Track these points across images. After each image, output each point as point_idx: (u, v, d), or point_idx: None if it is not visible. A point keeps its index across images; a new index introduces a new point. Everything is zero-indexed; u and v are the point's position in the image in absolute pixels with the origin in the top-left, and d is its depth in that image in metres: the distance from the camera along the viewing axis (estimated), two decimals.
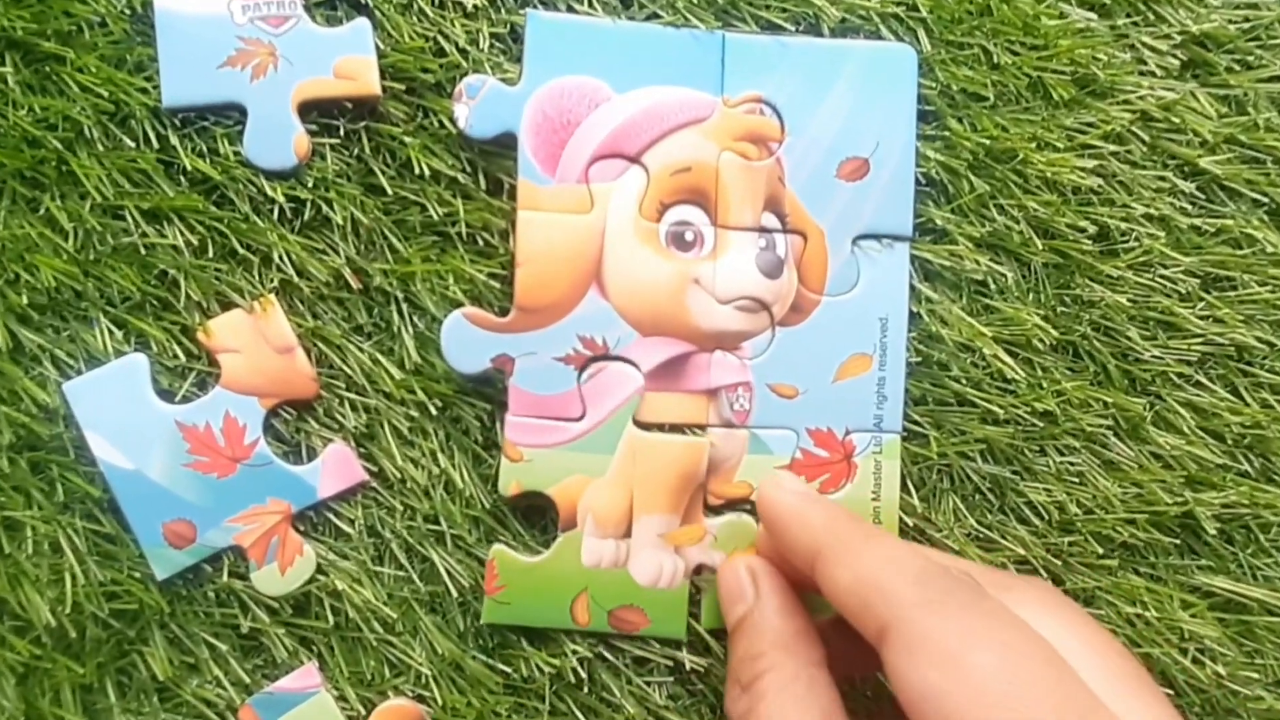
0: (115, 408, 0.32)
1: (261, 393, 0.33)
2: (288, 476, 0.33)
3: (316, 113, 0.33)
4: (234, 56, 0.32)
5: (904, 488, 0.35)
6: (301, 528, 0.33)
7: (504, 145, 0.33)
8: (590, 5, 0.33)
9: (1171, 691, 0.34)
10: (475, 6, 0.33)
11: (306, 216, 0.34)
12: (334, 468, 0.33)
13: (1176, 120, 0.35)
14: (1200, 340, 0.35)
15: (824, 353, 0.34)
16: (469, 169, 0.33)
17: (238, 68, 0.32)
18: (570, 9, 0.33)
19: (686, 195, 0.34)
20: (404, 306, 0.34)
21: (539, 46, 0.33)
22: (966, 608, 0.24)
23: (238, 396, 0.33)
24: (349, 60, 0.33)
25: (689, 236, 0.34)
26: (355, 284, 0.34)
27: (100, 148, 0.32)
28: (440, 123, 0.33)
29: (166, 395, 0.33)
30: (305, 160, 0.33)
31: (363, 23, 0.33)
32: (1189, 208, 0.36)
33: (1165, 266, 0.35)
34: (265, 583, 0.32)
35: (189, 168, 0.32)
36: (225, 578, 0.32)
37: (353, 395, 0.33)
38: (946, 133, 0.34)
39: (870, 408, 0.34)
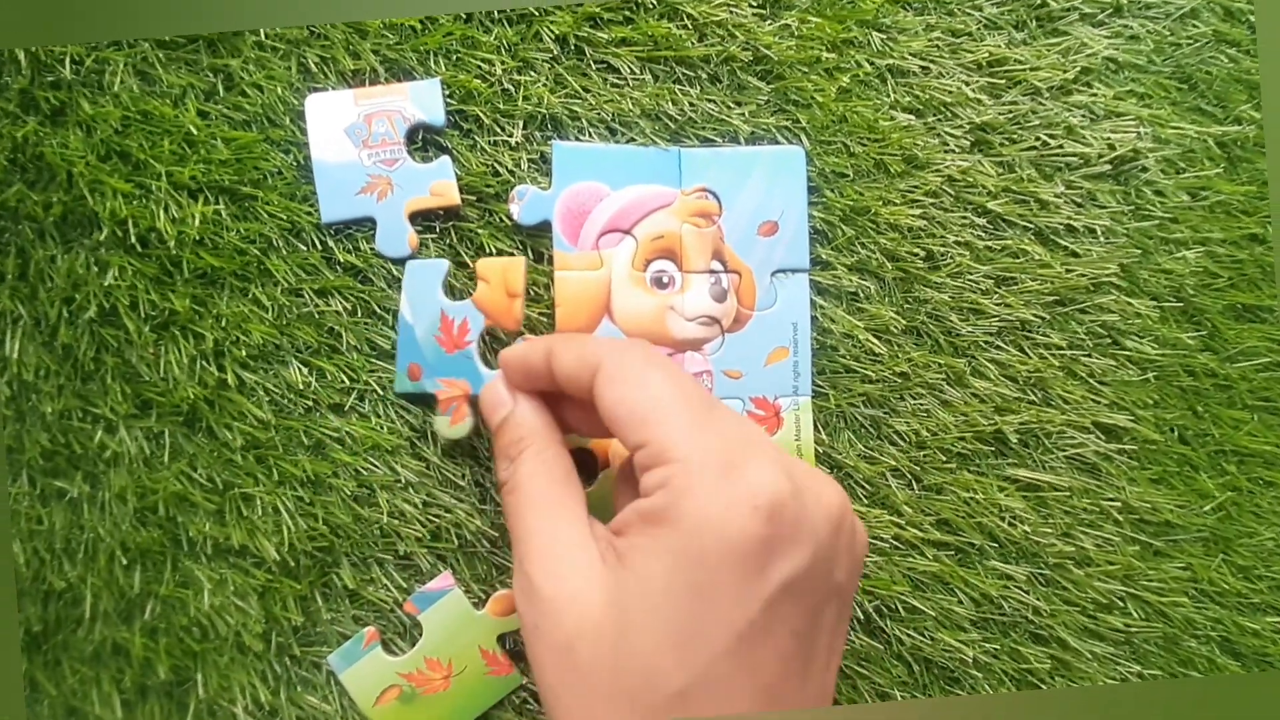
0: (422, 286, 0.43)
1: (488, 314, 0.43)
2: (477, 371, 0.43)
3: (421, 218, 0.44)
4: (365, 186, 0.44)
5: (815, 428, 0.45)
6: (470, 407, 0.43)
7: (543, 230, 0.44)
8: (591, 136, 0.45)
9: (996, 544, 0.45)
10: (516, 143, 0.45)
11: None
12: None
13: (970, 180, 0.46)
14: (997, 319, 0.45)
15: (757, 348, 0.44)
16: (521, 246, 0.45)
17: (369, 194, 0.44)
18: (578, 139, 0.45)
19: (662, 253, 0.44)
20: None
21: (562, 164, 0.44)
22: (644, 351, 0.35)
23: (476, 311, 0.43)
24: (439, 183, 0.44)
25: (665, 279, 0.44)
26: None
27: (284, 252, 0.44)
28: (500, 219, 0.45)
29: (451, 291, 0.44)
30: (416, 250, 0.44)
31: (445, 159, 0.44)
32: (983, 235, 0.46)
33: (971, 274, 0.45)
34: (440, 425, 0.43)
35: (342, 260, 0.44)
36: (385, 517, 0.43)
37: None
38: (824, 199, 0.45)
39: (790, 381, 0.44)
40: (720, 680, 0.30)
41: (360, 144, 0.44)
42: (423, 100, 0.45)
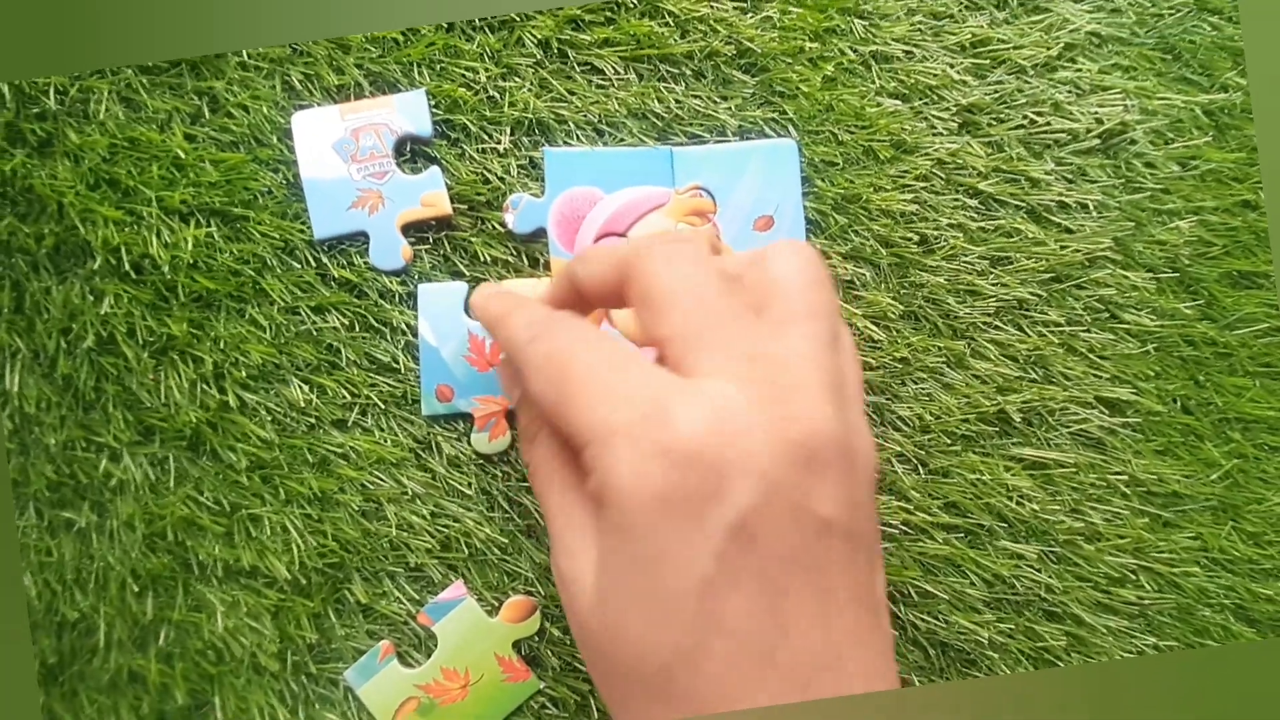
0: (443, 310, 0.44)
1: None
2: None
3: (414, 230, 0.44)
4: (356, 201, 0.44)
5: None
6: (508, 422, 0.44)
7: (538, 237, 0.45)
8: (578, 139, 0.45)
9: (1005, 523, 0.45)
10: (505, 150, 0.45)
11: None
12: None
13: (960, 161, 0.46)
14: (994, 299, 0.45)
15: None
16: (515, 253, 0.45)
17: (360, 208, 0.44)
18: (567, 143, 0.45)
19: None
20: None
21: (554, 170, 0.44)
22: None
23: None
24: (429, 194, 0.44)
25: None
26: None
27: (279, 271, 0.44)
28: (493, 226, 0.45)
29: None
30: (410, 262, 0.44)
31: (435, 169, 0.44)
32: (975, 216, 0.46)
33: (965, 255, 0.45)
34: (478, 442, 0.44)
35: (337, 276, 0.44)
36: (394, 530, 0.43)
37: None
38: (815, 189, 0.45)
39: None
40: (697, 647, 0.28)
41: (349, 159, 0.44)
42: (409, 112, 0.45)
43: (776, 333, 0.30)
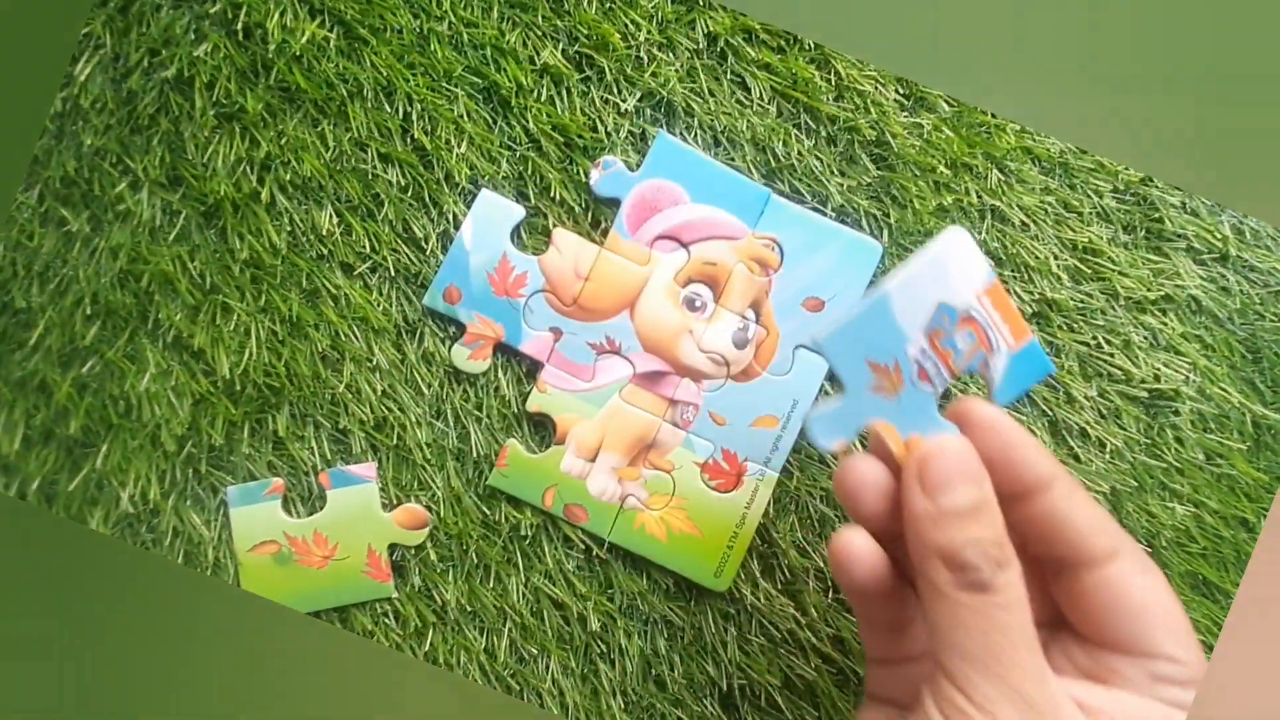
0: (492, 222, 0.44)
1: (550, 281, 0.44)
2: (519, 323, 0.44)
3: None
4: None
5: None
6: (498, 354, 0.44)
7: (611, 205, 0.44)
8: (695, 140, 0.45)
9: None
10: (625, 111, 0.45)
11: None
12: (535, 342, 0.44)
13: None
14: None
15: (751, 405, 0.44)
16: (584, 205, 0.45)
17: None
18: (684, 135, 0.45)
19: (706, 279, 0.44)
20: None
21: (658, 155, 0.44)
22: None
23: (539, 271, 0.44)
24: None
25: (698, 304, 0.44)
26: None
27: (369, 104, 0.44)
28: (578, 171, 0.45)
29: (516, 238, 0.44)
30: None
31: None
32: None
33: None
34: (458, 355, 0.44)
35: (416, 138, 0.44)
36: (342, 387, 0.43)
37: None
38: None
39: (766, 450, 0.44)
40: None
41: None
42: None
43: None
